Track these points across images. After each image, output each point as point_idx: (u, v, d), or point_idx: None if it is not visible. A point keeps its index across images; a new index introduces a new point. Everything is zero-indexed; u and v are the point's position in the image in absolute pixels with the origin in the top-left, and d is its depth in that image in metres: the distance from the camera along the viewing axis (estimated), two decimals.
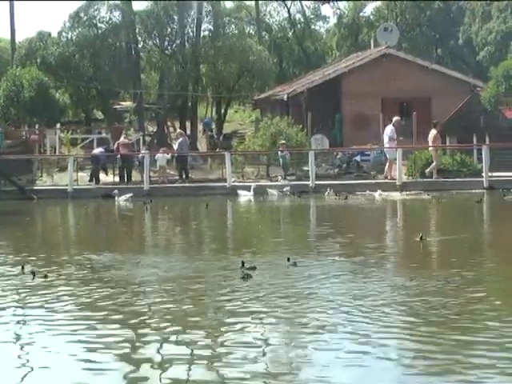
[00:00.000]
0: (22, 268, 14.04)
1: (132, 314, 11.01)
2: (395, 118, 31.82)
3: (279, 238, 19.42)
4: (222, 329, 10.09)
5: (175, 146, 33.58)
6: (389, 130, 31.19)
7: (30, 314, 11.21)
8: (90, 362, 8.82)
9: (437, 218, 23.48)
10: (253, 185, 29.36)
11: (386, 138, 31.30)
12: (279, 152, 31.59)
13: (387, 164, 30.57)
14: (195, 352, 9.13)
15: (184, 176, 31.76)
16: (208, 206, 25.69)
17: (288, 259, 14.14)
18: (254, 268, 13.49)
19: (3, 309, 11.51)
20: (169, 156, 32.48)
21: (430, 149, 30.36)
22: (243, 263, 13.58)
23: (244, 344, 9.28)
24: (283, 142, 31.93)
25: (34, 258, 15.90)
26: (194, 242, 19.29)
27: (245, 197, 28.43)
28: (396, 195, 27.85)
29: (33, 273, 13.54)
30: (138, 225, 24.24)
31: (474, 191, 27.77)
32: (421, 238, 16.25)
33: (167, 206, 27.30)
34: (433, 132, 30.41)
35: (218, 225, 23.02)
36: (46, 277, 13.57)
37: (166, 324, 10.40)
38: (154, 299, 11.96)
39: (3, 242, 19.59)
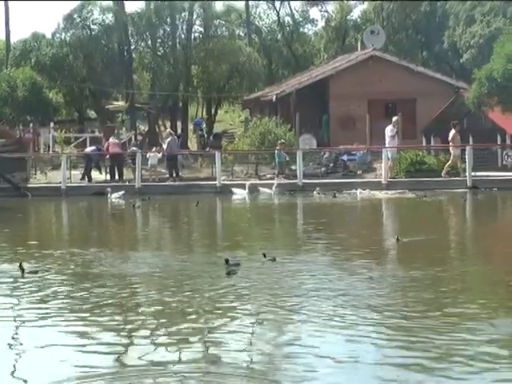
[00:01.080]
0: (20, 265, 13.53)
1: (120, 307, 11.02)
2: (394, 118, 31.74)
3: (266, 234, 19.42)
4: (208, 321, 10.08)
5: (165, 146, 33.64)
6: (388, 129, 31.12)
7: (23, 309, 11.16)
8: (83, 354, 8.77)
9: (417, 217, 23.37)
10: (247, 183, 29.41)
11: (386, 138, 31.18)
12: (276, 151, 31.59)
13: (389, 162, 30.45)
14: (183, 344, 9.11)
15: (174, 175, 31.77)
16: (198, 203, 25.65)
17: (264, 255, 14.07)
18: (238, 264, 13.42)
19: None
20: (160, 155, 32.50)
21: (450, 148, 30.42)
22: (227, 260, 13.49)
23: (231, 336, 9.29)
24: (282, 141, 32.07)
25: (26, 254, 15.84)
26: (183, 239, 19.26)
27: (239, 195, 28.45)
28: (381, 194, 27.90)
29: (22, 269, 13.39)
30: (129, 221, 24.20)
31: (457, 190, 27.84)
32: (397, 239, 15.96)
33: (158, 203, 27.30)
34: (452, 132, 30.41)
35: (207, 222, 23.04)
36: (36, 272, 13.48)
37: (154, 317, 10.37)
38: (141, 293, 11.92)
39: None
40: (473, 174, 29.02)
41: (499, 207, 26.16)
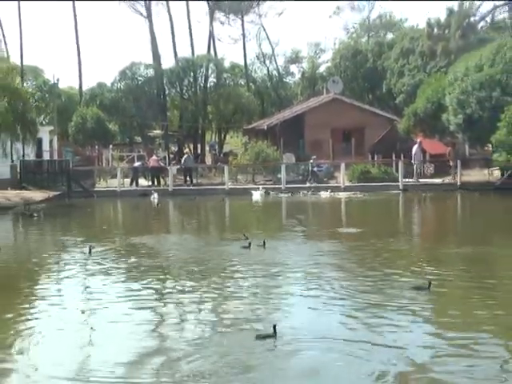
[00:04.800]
0: (90, 249, 13.23)
1: (157, 272, 11.22)
2: (419, 139, 30.76)
3: (260, 222, 19.61)
4: (220, 281, 10.29)
5: (182, 161, 33.92)
6: (415, 147, 30.33)
7: (88, 278, 11.27)
8: (129, 298, 8.95)
9: (364, 210, 23.48)
10: (260, 187, 29.41)
11: (413, 153, 30.29)
12: (310, 164, 31.86)
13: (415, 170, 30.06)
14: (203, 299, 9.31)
15: (189, 182, 32.12)
16: (224, 199, 25.96)
17: (244, 235, 14.16)
18: (249, 244, 13.21)
19: (72, 276, 11.53)
20: (178, 167, 32.63)
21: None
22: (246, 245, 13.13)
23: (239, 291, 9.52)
24: (314, 157, 32.54)
25: (94, 237, 16.03)
26: (207, 225, 19.43)
27: (256, 196, 28.30)
28: (340, 194, 28.07)
29: (90, 249, 13.13)
30: (165, 214, 24.34)
31: (393, 192, 28.02)
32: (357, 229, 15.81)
33: (186, 202, 27.25)
34: (448, 149, 30.58)
35: (219, 215, 23.36)
36: (98, 250, 13.52)
37: (182, 281, 10.58)
38: (171, 264, 12.06)
39: (74, 225, 19.71)
40: (404, 180, 29.22)
41: (422, 203, 26.36)
